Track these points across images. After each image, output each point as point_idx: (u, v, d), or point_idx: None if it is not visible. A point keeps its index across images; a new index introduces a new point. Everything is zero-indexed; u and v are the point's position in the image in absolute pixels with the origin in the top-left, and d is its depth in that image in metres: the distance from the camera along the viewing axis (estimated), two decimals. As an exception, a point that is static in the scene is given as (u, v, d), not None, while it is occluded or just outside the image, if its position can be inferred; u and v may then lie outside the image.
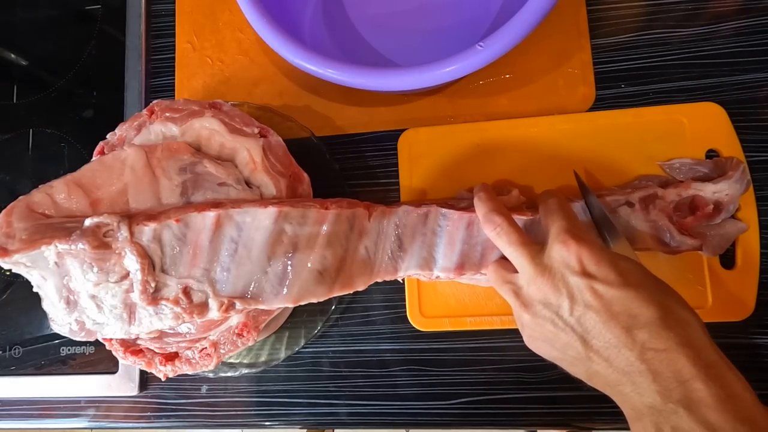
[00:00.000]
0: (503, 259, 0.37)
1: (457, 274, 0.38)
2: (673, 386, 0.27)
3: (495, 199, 0.37)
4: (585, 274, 0.30)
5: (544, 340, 0.33)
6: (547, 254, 0.33)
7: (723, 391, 0.27)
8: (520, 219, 0.37)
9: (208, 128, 0.39)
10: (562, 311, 0.31)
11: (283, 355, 0.44)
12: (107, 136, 0.40)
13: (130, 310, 0.35)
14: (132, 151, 0.37)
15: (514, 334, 0.42)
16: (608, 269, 0.30)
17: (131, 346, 0.38)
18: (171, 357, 0.38)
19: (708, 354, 0.28)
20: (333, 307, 0.43)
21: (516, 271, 0.35)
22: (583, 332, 0.30)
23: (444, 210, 0.38)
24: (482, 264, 0.38)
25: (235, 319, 0.37)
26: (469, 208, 0.38)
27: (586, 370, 0.31)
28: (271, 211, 0.35)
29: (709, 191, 0.38)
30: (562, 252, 0.31)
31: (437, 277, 0.39)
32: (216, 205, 0.35)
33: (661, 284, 0.31)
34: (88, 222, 0.34)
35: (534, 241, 0.34)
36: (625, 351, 0.29)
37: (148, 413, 0.47)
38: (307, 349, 0.45)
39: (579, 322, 0.31)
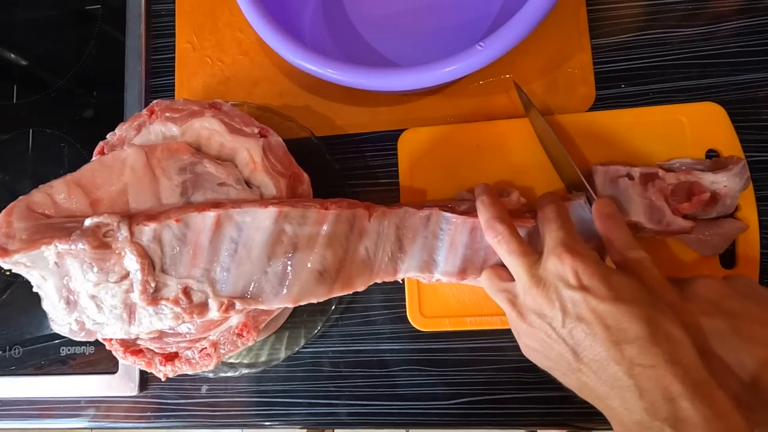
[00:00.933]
0: (497, 266, 0.37)
1: (460, 278, 0.38)
2: (660, 403, 0.27)
3: (497, 205, 0.37)
4: (577, 287, 0.31)
5: (538, 349, 0.34)
6: (542, 266, 0.33)
7: (710, 411, 0.26)
8: (521, 227, 0.37)
9: (208, 128, 0.39)
10: (555, 323, 0.32)
11: (283, 355, 0.44)
12: (107, 136, 0.40)
13: (130, 310, 0.35)
14: (132, 151, 0.37)
15: (514, 334, 0.43)
16: (600, 283, 0.31)
17: (131, 346, 0.38)
18: (171, 357, 0.38)
19: (696, 372, 0.28)
20: (333, 307, 0.43)
21: (511, 279, 0.36)
22: (574, 345, 0.31)
23: (447, 214, 0.38)
24: (484, 268, 0.38)
25: (235, 319, 0.37)
26: (471, 211, 0.38)
27: (577, 382, 0.32)
28: (271, 211, 0.35)
29: (708, 180, 0.39)
30: (557, 265, 0.32)
31: (437, 280, 0.39)
32: (216, 205, 0.35)
33: (654, 298, 0.31)
34: (88, 222, 0.34)
35: (533, 251, 0.35)
36: (613, 365, 0.29)
37: (148, 413, 0.47)
38: (307, 349, 0.45)
39: (570, 334, 0.31)
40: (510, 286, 0.35)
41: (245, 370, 0.44)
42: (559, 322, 0.31)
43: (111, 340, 0.38)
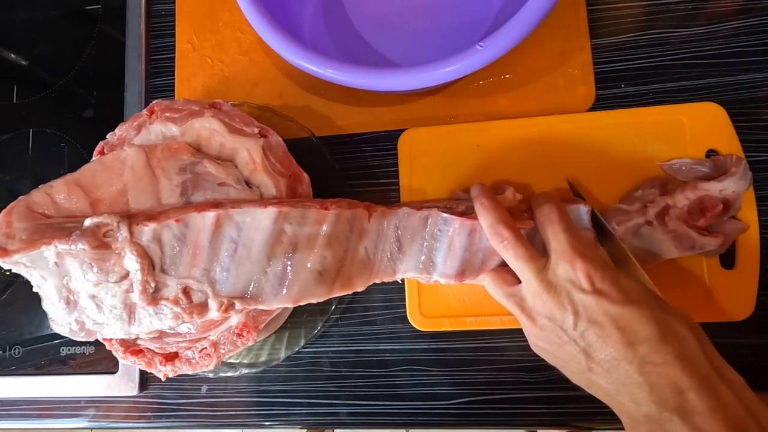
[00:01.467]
0: (500, 269, 0.37)
1: (458, 280, 0.38)
2: (669, 396, 0.29)
3: (499, 209, 0.37)
4: (591, 292, 0.32)
5: (548, 349, 0.34)
6: (552, 271, 0.33)
7: (715, 401, 0.28)
8: (520, 229, 0.37)
9: (208, 128, 0.39)
10: (566, 326, 0.32)
11: (283, 355, 0.44)
12: (107, 136, 0.40)
13: (130, 310, 0.35)
14: (132, 151, 0.37)
15: (514, 334, 0.42)
16: (611, 287, 0.31)
17: (131, 346, 0.38)
18: (171, 357, 0.38)
19: (702, 367, 0.29)
20: (333, 307, 0.43)
21: (515, 282, 0.36)
22: (585, 346, 0.32)
23: (445, 215, 0.38)
24: (482, 270, 0.38)
25: (235, 319, 0.37)
26: (470, 212, 0.38)
27: (587, 380, 0.33)
28: (271, 211, 0.35)
29: (716, 190, 0.39)
30: (568, 270, 0.33)
31: (436, 281, 0.38)
32: (216, 205, 0.35)
33: (660, 300, 0.32)
34: (88, 222, 0.34)
35: (539, 255, 0.35)
36: (624, 364, 0.30)
37: (148, 413, 0.47)
38: (307, 349, 0.45)
39: (582, 336, 0.32)
40: (517, 290, 0.35)
41: (245, 370, 0.44)
42: (571, 324, 0.32)
43: (111, 340, 0.38)
